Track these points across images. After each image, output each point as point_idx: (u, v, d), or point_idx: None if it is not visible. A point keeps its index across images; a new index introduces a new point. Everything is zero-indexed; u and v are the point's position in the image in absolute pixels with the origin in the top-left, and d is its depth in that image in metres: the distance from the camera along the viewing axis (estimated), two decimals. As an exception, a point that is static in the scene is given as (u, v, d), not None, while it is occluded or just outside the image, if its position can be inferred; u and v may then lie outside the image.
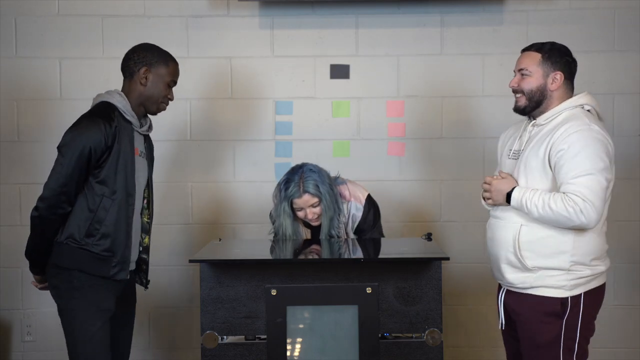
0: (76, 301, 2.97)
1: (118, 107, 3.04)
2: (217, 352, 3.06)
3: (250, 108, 4.33)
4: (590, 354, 4.28)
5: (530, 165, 2.92)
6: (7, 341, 4.36)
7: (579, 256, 2.88)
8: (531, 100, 2.99)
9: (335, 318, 3.06)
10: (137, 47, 3.14)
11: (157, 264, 4.26)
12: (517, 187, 2.92)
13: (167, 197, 4.33)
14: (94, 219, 2.96)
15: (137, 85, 3.08)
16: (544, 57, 2.98)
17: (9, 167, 4.33)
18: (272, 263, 3.22)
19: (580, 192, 2.77)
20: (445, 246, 3.58)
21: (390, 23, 4.30)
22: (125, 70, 3.12)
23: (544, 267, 2.89)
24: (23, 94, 4.30)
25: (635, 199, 4.32)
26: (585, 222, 2.79)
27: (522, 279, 2.93)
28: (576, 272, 2.88)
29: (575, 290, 2.89)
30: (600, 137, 2.84)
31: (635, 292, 4.34)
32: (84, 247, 2.96)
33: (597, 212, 2.80)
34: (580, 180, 2.79)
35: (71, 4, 4.29)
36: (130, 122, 3.06)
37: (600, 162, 2.81)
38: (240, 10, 4.29)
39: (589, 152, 2.80)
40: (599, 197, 2.80)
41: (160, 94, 3.13)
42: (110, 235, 2.98)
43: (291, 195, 3.50)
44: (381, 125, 4.33)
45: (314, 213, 3.53)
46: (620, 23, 4.28)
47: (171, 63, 3.15)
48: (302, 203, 3.51)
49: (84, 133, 2.93)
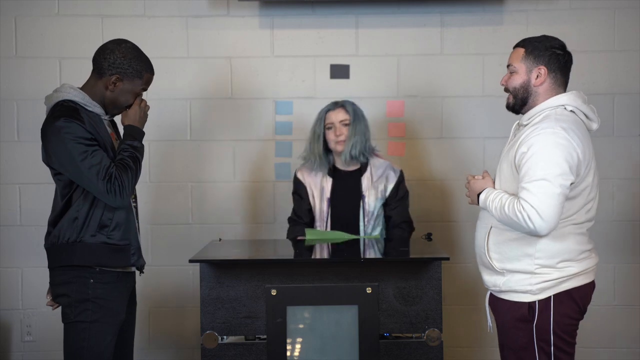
0: (89, 314, 2.87)
1: (77, 101, 2.92)
2: (217, 352, 3.06)
3: (250, 108, 4.33)
4: (591, 354, 4.30)
5: (501, 167, 2.87)
6: (7, 341, 4.36)
7: (544, 259, 2.78)
8: (516, 97, 2.90)
9: (335, 318, 3.06)
10: (115, 49, 2.95)
11: (157, 264, 4.27)
12: (487, 189, 2.87)
13: (167, 197, 4.33)
14: (104, 210, 2.90)
15: (103, 87, 2.96)
16: (527, 51, 2.87)
17: (9, 167, 4.33)
18: (272, 263, 3.22)
19: (529, 198, 2.68)
20: (445, 246, 3.58)
21: (390, 23, 4.30)
22: (96, 66, 2.97)
23: (510, 269, 2.82)
24: (23, 94, 4.30)
25: (635, 199, 4.31)
26: (533, 229, 2.69)
27: (493, 282, 2.87)
28: (542, 275, 2.78)
29: (543, 294, 2.79)
30: (562, 141, 2.71)
31: (635, 292, 4.34)
32: (99, 240, 2.90)
33: (546, 220, 2.67)
34: (532, 185, 2.69)
35: (71, 4, 4.29)
36: (94, 112, 2.95)
37: (556, 168, 2.68)
38: (240, 10, 4.30)
39: (545, 156, 2.69)
40: (548, 204, 2.67)
41: (126, 102, 3.01)
42: (123, 224, 2.94)
43: (328, 108, 3.72)
44: (381, 125, 4.33)
45: (342, 133, 3.66)
46: (620, 23, 4.28)
47: (146, 74, 3.00)
48: (334, 117, 3.68)
49: (75, 127, 2.82)
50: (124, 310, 2.99)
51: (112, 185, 2.84)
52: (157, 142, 4.31)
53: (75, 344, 2.90)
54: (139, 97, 3.04)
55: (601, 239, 4.06)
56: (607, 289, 4.30)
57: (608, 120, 4.25)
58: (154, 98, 3.22)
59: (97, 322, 2.88)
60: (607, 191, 4.23)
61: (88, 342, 2.88)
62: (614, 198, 4.30)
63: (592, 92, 4.24)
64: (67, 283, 2.90)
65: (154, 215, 4.29)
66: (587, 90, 4.22)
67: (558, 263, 2.79)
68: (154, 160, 4.32)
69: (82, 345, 2.89)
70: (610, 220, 4.28)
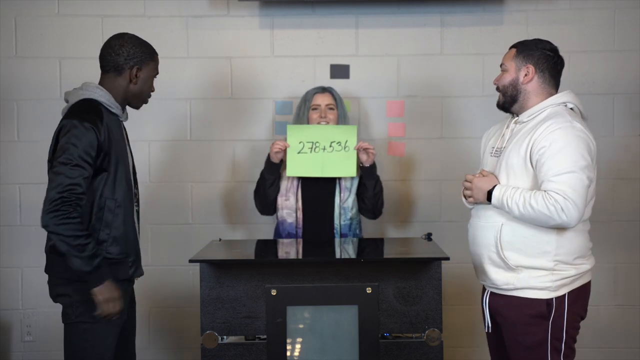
0: (91, 314, 2.86)
1: (102, 102, 2.93)
2: (217, 352, 3.06)
3: (250, 108, 4.33)
4: (591, 354, 4.31)
5: (511, 163, 2.88)
6: (7, 341, 4.36)
7: (562, 255, 2.83)
8: (505, 95, 2.96)
9: (335, 318, 3.06)
10: (123, 43, 2.97)
11: (157, 264, 4.27)
12: (498, 185, 2.88)
13: (167, 197, 4.33)
14: (102, 224, 2.87)
15: (126, 82, 2.98)
16: (517, 51, 2.95)
17: (9, 167, 4.33)
18: (272, 263, 3.22)
19: (562, 190, 2.72)
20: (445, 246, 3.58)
21: (390, 23, 4.30)
22: (110, 65, 2.98)
23: (527, 266, 2.84)
24: (23, 94, 4.30)
25: (635, 199, 4.31)
26: (567, 221, 2.74)
27: (505, 280, 2.89)
28: (561, 272, 2.83)
29: (560, 291, 2.84)
30: (582, 135, 2.79)
31: (635, 292, 4.34)
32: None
33: (579, 211, 2.73)
34: (562, 178, 2.73)
35: (71, 4, 4.29)
36: (115, 114, 2.97)
37: (582, 160, 2.75)
38: (240, 10, 4.29)
39: (571, 149, 2.75)
40: (580, 195, 2.74)
41: (149, 90, 3.07)
42: (121, 238, 2.92)
43: (315, 91, 3.88)
44: (381, 125, 4.33)
45: (327, 115, 3.82)
46: (620, 23, 4.28)
47: (155, 56, 3.07)
48: (321, 100, 3.84)
49: (86, 134, 2.80)
50: (125, 310, 2.98)
51: (57, 206, 2.72)
52: (157, 142, 4.31)
53: (77, 345, 2.89)
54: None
55: (601, 239, 4.06)
56: (607, 289, 4.30)
57: (608, 120, 4.25)
58: (154, 98, 3.21)
59: (98, 322, 2.87)
60: (608, 191, 4.23)
61: (90, 343, 2.88)
62: (614, 198, 4.30)
63: (592, 92, 4.25)
64: (67, 283, 2.89)
65: (154, 215, 4.29)
66: (587, 90, 4.25)
67: (574, 259, 2.85)
68: (154, 160, 4.32)
69: (84, 346, 2.88)
70: (610, 220, 4.28)
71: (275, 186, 3.80)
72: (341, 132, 3.75)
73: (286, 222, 3.81)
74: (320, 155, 3.73)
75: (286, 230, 3.81)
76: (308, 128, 3.78)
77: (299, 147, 3.73)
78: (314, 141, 3.74)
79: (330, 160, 3.72)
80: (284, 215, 3.81)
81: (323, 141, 3.74)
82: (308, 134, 3.74)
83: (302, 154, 3.73)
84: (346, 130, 3.76)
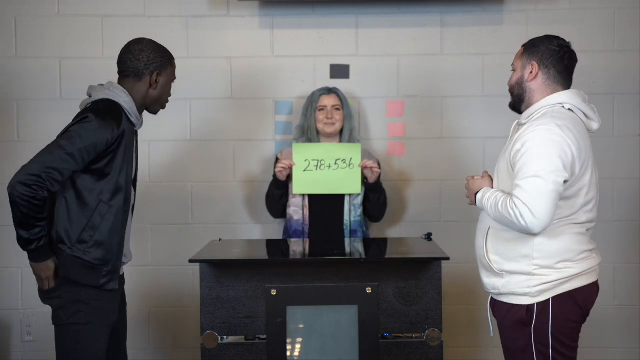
0: (82, 315, 2.85)
1: (125, 108, 2.93)
2: (217, 352, 3.06)
3: (250, 108, 4.33)
4: (591, 354, 4.30)
5: (499, 167, 2.86)
6: (7, 341, 4.36)
7: (542, 259, 2.74)
8: (513, 95, 2.90)
9: (335, 318, 3.06)
10: (143, 48, 2.99)
11: (157, 264, 4.27)
12: (484, 189, 2.85)
13: (167, 197, 4.33)
14: (87, 225, 2.84)
15: (146, 87, 2.98)
16: (525, 49, 2.88)
17: (9, 167, 4.32)
18: (272, 263, 3.22)
19: (521, 195, 2.65)
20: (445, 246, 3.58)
21: (390, 23, 4.30)
22: (129, 70, 2.97)
23: (508, 271, 2.78)
24: (23, 94, 4.30)
25: (635, 199, 4.31)
26: (525, 226, 2.65)
27: (493, 284, 2.85)
28: (541, 277, 2.74)
29: (542, 296, 2.75)
30: (556, 138, 2.67)
31: (635, 292, 4.34)
32: (74, 253, 2.84)
33: (538, 217, 2.63)
34: (524, 182, 2.65)
35: (71, 4, 4.29)
36: (132, 123, 2.98)
37: (549, 165, 2.64)
38: (240, 10, 4.29)
39: (539, 153, 2.66)
40: (540, 201, 2.63)
41: (168, 95, 3.09)
42: (103, 244, 2.86)
43: (321, 92, 3.98)
44: (381, 125, 4.33)
45: (333, 116, 3.91)
46: (620, 23, 4.28)
47: (173, 61, 3.10)
48: (327, 101, 3.94)
49: (97, 132, 2.79)
50: (117, 311, 2.98)
51: (31, 181, 2.74)
52: (157, 142, 4.31)
53: (69, 346, 2.89)
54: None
55: (601, 239, 4.05)
56: (607, 289, 4.30)
57: (608, 120, 4.25)
58: (154, 98, 3.22)
59: (90, 323, 2.87)
60: (607, 191, 4.23)
61: (82, 345, 2.87)
62: (614, 198, 4.30)
63: (592, 92, 4.23)
64: (57, 285, 2.87)
65: (154, 215, 4.29)
66: (587, 90, 4.21)
67: (557, 263, 2.75)
68: (154, 160, 4.32)
69: (76, 348, 2.88)
70: (610, 220, 4.28)
71: (285, 197, 3.93)
72: (346, 150, 3.87)
73: (293, 220, 3.89)
74: (325, 173, 3.84)
75: (293, 228, 3.86)
76: (313, 147, 3.90)
77: (304, 165, 3.84)
78: (320, 159, 3.85)
79: (335, 177, 3.84)
80: (291, 213, 3.91)
81: (328, 159, 3.85)
82: (313, 152, 3.87)
83: (307, 172, 3.84)
84: (350, 148, 3.88)
